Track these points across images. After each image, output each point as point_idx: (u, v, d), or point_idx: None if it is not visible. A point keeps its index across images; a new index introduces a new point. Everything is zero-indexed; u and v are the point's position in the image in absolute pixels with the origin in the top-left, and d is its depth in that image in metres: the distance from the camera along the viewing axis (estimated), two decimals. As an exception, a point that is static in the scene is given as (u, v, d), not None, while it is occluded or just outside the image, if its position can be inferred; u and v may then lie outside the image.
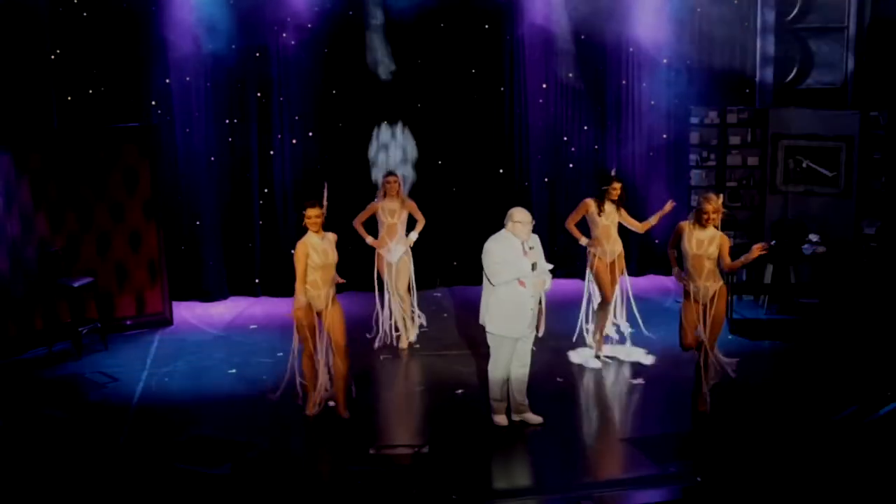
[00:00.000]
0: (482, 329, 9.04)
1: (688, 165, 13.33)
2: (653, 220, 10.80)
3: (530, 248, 8.77)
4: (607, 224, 10.65)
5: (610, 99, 13.82)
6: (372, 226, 11.27)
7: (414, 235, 11.18)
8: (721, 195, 9.47)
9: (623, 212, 10.76)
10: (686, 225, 9.38)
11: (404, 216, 11.13)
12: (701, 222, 9.21)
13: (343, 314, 9.31)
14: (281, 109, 13.17)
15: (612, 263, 10.72)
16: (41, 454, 8.58)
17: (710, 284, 9.21)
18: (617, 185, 10.62)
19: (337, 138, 13.38)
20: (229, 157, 13.16)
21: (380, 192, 11.22)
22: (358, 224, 11.13)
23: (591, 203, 10.68)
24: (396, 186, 11.08)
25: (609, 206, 10.65)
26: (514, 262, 8.70)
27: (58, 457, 8.53)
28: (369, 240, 11.14)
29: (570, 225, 10.84)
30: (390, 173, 11.30)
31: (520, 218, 8.75)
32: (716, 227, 9.22)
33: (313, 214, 9.13)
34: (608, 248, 10.68)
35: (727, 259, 9.15)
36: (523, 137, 13.80)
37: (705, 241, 9.18)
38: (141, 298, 12.20)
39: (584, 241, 10.78)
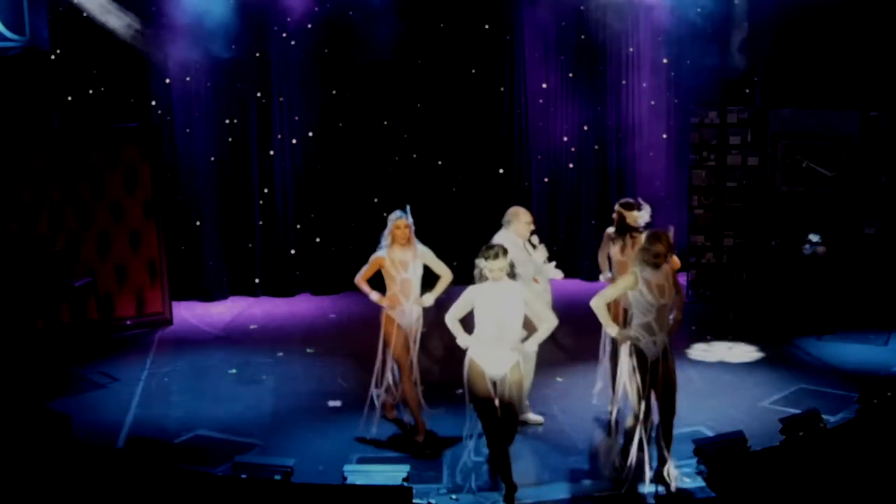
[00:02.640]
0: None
1: (688, 165, 13.32)
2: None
3: (534, 246, 8.87)
4: (624, 261, 9.01)
5: (610, 99, 13.81)
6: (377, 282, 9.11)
7: (431, 298, 8.91)
8: (671, 227, 8.14)
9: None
10: (610, 235, 8.89)
11: (419, 268, 8.94)
12: (654, 265, 7.69)
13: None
14: (281, 109, 13.17)
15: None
16: (40, 454, 8.57)
17: (666, 339, 7.82)
18: (624, 213, 9.18)
19: (337, 138, 13.37)
20: (229, 157, 13.16)
21: (386, 240, 8.93)
22: (362, 282, 8.93)
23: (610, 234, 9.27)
24: (407, 232, 8.85)
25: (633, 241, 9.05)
26: (525, 260, 8.74)
27: (57, 457, 8.52)
28: (375, 296, 8.91)
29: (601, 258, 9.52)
30: (399, 216, 8.91)
31: (526, 218, 8.90)
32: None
33: (496, 267, 7.67)
34: None
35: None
36: (523, 137, 13.79)
37: (666, 286, 7.74)
38: (141, 298, 12.20)
39: (606, 276, 9.49)
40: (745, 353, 11.09)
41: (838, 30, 12.57)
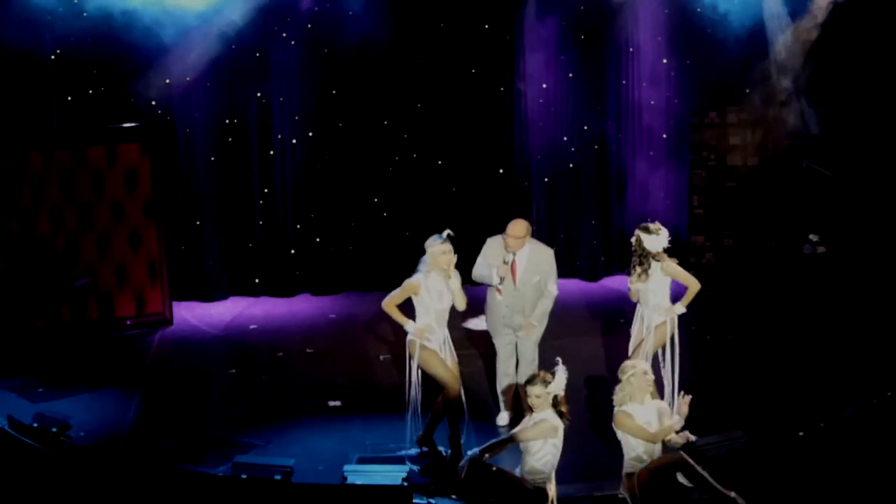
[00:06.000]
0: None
1: (688, 165, 13.32)
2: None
3: (505, 263, 8.95)
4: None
5: (610, 99, 13.80)
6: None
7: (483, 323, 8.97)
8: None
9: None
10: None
11: (450, 299, 8.54)
12: None
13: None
14: (281, 109, 13.18)
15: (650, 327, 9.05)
16: (42, 455, 8.59)
17: None
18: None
19: (337, 138, 13.37)
20: (229, 157, 13.17)
21: (425, 267, 8.44)
22: (393, 308, 8.48)
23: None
24: (453, 260, 8.42)
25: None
26: (489, 267, 9.02)
27: (58, 458, 8.53)
28: (411, 326, 8.48)
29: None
30: (443, 242, 8.38)
31: (511, 232, 9.00)
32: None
33: (532, 394, 7.46)
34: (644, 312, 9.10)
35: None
36: (523, 137, 13.79)
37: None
38: (141, 298, 12.21)
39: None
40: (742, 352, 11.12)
41: (839, 29, 12.57)
